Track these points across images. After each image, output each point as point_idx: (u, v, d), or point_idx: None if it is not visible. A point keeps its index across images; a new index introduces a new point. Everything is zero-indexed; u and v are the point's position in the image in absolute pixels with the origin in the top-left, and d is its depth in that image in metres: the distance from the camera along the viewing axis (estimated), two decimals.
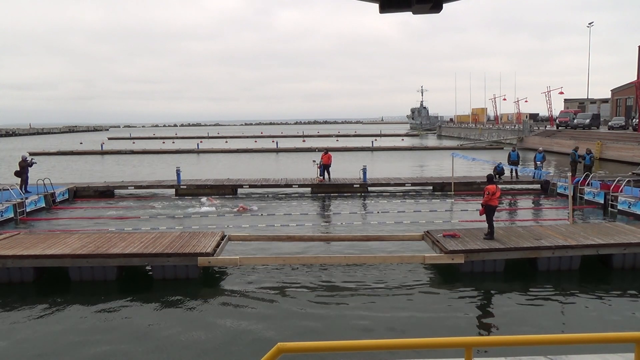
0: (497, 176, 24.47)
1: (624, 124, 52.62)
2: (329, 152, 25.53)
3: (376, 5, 2.59)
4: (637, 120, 47.82)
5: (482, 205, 12.60)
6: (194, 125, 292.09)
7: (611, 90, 70.49)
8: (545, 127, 68.11)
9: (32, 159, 23.69)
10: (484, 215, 12.58)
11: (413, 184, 25.31)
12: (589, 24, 71.71)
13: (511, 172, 25.13)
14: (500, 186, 24.08)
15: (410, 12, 2.72)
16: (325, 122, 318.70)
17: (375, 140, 69.47)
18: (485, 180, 13.65)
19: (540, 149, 28.79)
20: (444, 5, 2.66)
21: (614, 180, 19.77)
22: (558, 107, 79.47)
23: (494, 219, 12.64)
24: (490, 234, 12.41)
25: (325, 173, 24.89)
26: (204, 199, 22.10)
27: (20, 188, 20.66)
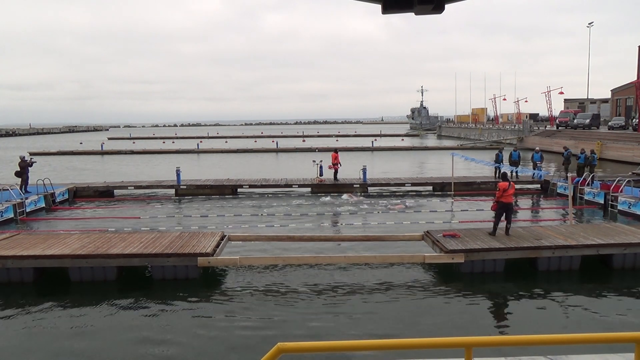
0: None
1: (624, 124, 52.60)
2: (337, 152, 25.72)
3: (365, 7, 2.59)
4: (637, 120, 47.81)
5: (495, 202, 12.82)
6: (193, 125, 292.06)
7: (611, 90, 70.46)
8: (545, 127, 68.03)
9: (31, 158, 23.69)
10: (495, 211, 12.85)
11: (413, 184, 25.31)
12: (589, 24, 71.68)
13: (511, 172, 25.08)
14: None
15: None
16: (325, 122, 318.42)
17: (375, 140, 69.38)
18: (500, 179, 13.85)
19: (537, 148, 28.69)
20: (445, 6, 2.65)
21: (614, 181, 19.74)
22: (558, 107, 79.50)
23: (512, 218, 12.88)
24: (492, 232, 12.69)
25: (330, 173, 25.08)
26: (345, 196, 22.40)
27: (20, 188, 20.65)
